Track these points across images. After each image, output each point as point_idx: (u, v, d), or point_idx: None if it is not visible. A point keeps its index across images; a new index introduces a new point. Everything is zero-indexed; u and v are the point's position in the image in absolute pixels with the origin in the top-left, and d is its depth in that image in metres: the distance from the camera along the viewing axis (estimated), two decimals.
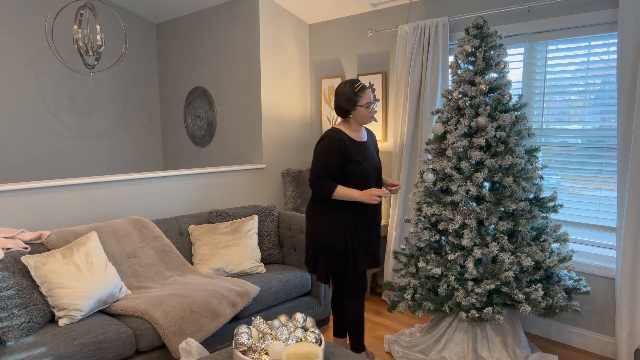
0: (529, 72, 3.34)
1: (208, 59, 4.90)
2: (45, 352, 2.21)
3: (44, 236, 2.85)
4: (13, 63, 4.65)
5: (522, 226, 2.74)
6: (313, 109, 4.80)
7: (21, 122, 4.75)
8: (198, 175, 3.92)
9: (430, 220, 2.98)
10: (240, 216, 3.57)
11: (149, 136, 5.70)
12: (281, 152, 4.62)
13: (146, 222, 3.25)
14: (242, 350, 1.95)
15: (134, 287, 2.92)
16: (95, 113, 5.25)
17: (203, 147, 5.13)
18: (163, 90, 5.65)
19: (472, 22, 2.93)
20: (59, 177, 5.03)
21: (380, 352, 3.13)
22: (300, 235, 3.45)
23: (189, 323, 2.61)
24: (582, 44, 3.12)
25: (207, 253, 3.28)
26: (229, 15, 4.60)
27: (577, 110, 3.18)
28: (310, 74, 4.79)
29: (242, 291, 2.89)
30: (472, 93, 2.88)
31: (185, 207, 3.85)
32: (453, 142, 2.89)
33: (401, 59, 3.82)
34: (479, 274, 2.74)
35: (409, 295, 2.95)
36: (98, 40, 3.88)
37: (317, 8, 4.36)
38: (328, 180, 2.63)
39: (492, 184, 2.88)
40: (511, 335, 2.90)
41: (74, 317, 2.48)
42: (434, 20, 3.58)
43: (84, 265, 2.63)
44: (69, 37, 4.93)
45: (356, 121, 2.71)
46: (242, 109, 4.60)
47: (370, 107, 2.68)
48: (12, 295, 2.35)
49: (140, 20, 5.47)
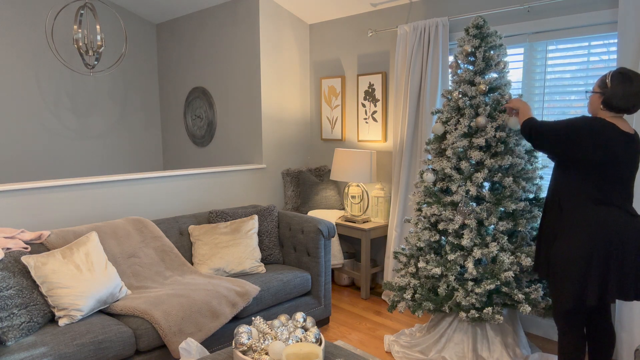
0: (529, 72, 3.34)
1: (208, 59, 4.90)
2: (45, 352, 2.21)
3: (44, 236, 2.85)
4: (13, 63, 4.65)
5: (522, 226, 2.74)
6: (313, 109, 4.81)
7: (21, 122, 4.75)
8: (198, 175, 3.92)
9: (430, 220, 2.98)
10: (240, 216, 3.57)
11: (149, 136, 5.70)
12: (281, 152, 4.62)
13: (146, 222, 3.25)
14: (242, 350, 1.95)
15: (134, 287, 2.92)
16: (95, 113, 5.25)
17: (203, 147, 5.13)
18: (163, 90, 5.65)
19: (472, 22, 2.93)
20: (59, 177, 5.03)
21: (380, 352, 3.13)
22: (300, 235, 3.45)
23: (189, 323, 2.61)
24: (582, 44, 3.12)
25: (207, 253, 3.28)
26: (229, 15, 4.60)
27: (577, 110, 3.18)
28: (310, 74, 4.79)
29: (242, 291, 2.89)
30: (472, 93, 2.88)
31: (185, 207, 3.85)
32: (453, 142, 2.89)
33: (401, 59, 3.82)
34: (479, 274, 2.74)
35: (409, 295, 2.96)
36: (98, 40, 3.88)
37: (317, 8, 4.36)
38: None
39: (492, 184, 2.88)
40: (511, 335, 2.90)
41: (74, 317, 2.48)
42: (434, 20, 3.58)
43: (84, 265, 2.63)
44: (69, 37, 4.93)
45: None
46: (242, 109, 4.60)
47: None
48: (12, 295, 2.35)
49: (140, 20, 5.47)
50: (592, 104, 2.28)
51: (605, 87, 2.18)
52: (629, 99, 2.14)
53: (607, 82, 2.18)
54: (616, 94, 2.14)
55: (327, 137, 4.66)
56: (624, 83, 2.13)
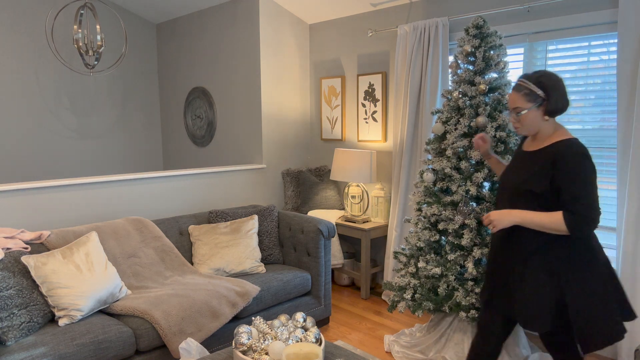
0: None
1: (208, 59, 4.90)
2: (45, 352, 2.21)
3: (44, 236, 2.85)
4: (13, 63, 4.65)
5: None
6: (313, 109, 4.81)
7: (21, 122, 4.75)
8: (198, 175, 3.92)
9: (430, 220, 2.98)
10: (240, 216, 3.57)
11: (149, 136, 5.70)
12: (281, 152, 4.62)
13: (146, 222, 3.25)
14: (242, 350, 1.95)
15: (134, 287, 2.92)
16: (95, 113, 5.25)
17: (203, 147, 5.13)
18: (163, 90, 5.65)
19: (472, 22, 2.93)
20: (59, 177, 5.03)
21: (380, 352, 3.13)
22: (300, 235, 3.45)
23: (189, 323, 2.61)
24: (582, 44, 3.12)
25: (207, 253, 3.28)
26: (229, 15, 4.60)
27: (577, 110, 3.18)
28: (310, 74, 4.79)
29: (242, 291, 2.89)
30: (471, 93, 2.88)
31: (185, 207, 3.85)
32: (453, 142, 2.89)
33: (401, 59, 3.82)
34: (479, 274, 2.74)
35: (409, 295, 2.96)
36: (98, 40, 3.88)
37: (317, 8, 4.36)
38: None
39: (492, 184, 2.88)
40: (511, 335, 2.90)
41: (74, 317, 2.48)
42: (434, 20, 3.58)
43: (84, 265, 2.63)
44: (69, 37, 4.93)
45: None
46: (242, 109, 4.60)
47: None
48: (12, 295, 2.35)
49: (140, 20, 5.47)
50: (530, 121, 2.00)
51: (537, 97, 1.95)
52: (565, 95, 1.99)
53: (536, 91, 1.95)
54: (557, 96, 1.96)
55: (327, 137, 4.66)
56: (555, 82, 1.97)
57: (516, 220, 1.99)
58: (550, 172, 1.93)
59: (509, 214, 2.00)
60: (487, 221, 2.06)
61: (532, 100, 1.97)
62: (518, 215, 1.99)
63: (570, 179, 1.88)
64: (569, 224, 1.88)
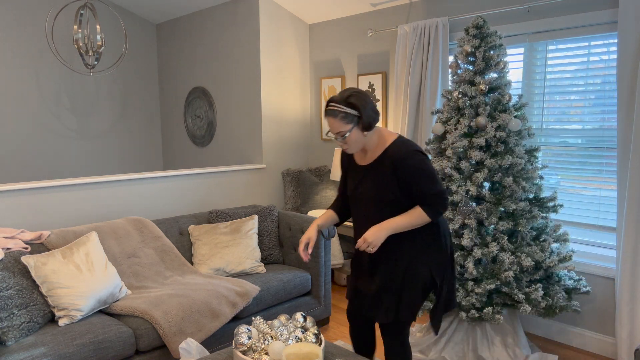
0: (529, 72, 3.34)
1: (208, 59, 4.90)
2: (45, 352, 2.21)
3: (44, 236, 2.85)
4: (13, 63, 4.65)
5: (522, 226, 2.74)
6: (313, 109, 4.80)
7: (21, 122, 4.75)
8: (198, 175, 3.92)
9: None
10: (240, 216, 3.57)
11: (149, 136, 5.70)
12: (281, 152, 4.62)
13: (146, 222, 3.25)
14: (242, 350, 1.95)
15: (134, 287, 2.92)
16: (95, 113, 5.25)
17: (203, 147, 5.13)
18: (163, 90, 5.65)
19: (472, 22, 2.93)
20: (59, 177, 5.03)
21: (380, 352, 3.13)
22: (300, 235, 3.44)
23: (189, 323, 2.61)
24: (582, 44, 3.12)
25: (207, 253, 3.28)
26: (229, 15, 4.60)
27: (577, 110, 3.18)
28: (310, 74, 4.79)
29: (242, 291, 2.89)
30: (472, 93, 2.88)
31: (185, 207, 3.85)
32: (453, 142, 2.89)
33: (401, 59, 3.82)
34: (479, 274, 2.74)
35: None
36: (98, 40, 3.89)
37: (317, 8, 4.36)
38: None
39: (492, 184, 2.88)
40: (511, 335, 2.90)
41: (74, 317, 2.48)
42: (434, 20, 3.58)
43: (84, 265, 2.63)
44: (69, 37, 4.93)
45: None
46: (242, 109, 4.60)
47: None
48: (12, 295, 2.35)
49: (140, 20, 5.47)
50: (355, 139, 2.05)
51: (353, 117, 2.00)
52: (374, 107, 2.06)
53: (350, 112, 1.99)
54: (368, 111, 2.02)
55: (327, 137, 4.66)
56: (363, 99, 2.02)
57: (389, 232, 2.05)
58: (395, 180, 2.06)
59: (381, 229, 2.05)
60: (365, 244, 2.05)
61: (350, 121, 2.02)
62: (388, 226, 2.05)
63: (415, 180, 2.03)
64: (430, 215, 2.07)
